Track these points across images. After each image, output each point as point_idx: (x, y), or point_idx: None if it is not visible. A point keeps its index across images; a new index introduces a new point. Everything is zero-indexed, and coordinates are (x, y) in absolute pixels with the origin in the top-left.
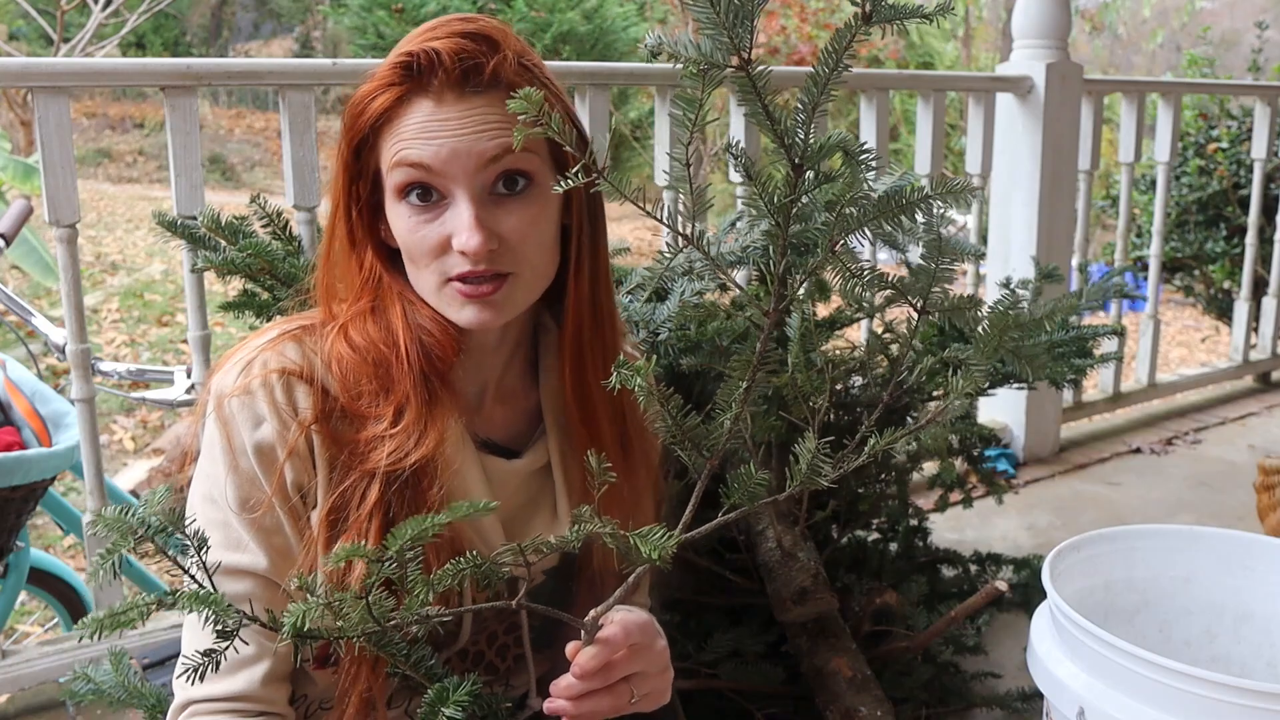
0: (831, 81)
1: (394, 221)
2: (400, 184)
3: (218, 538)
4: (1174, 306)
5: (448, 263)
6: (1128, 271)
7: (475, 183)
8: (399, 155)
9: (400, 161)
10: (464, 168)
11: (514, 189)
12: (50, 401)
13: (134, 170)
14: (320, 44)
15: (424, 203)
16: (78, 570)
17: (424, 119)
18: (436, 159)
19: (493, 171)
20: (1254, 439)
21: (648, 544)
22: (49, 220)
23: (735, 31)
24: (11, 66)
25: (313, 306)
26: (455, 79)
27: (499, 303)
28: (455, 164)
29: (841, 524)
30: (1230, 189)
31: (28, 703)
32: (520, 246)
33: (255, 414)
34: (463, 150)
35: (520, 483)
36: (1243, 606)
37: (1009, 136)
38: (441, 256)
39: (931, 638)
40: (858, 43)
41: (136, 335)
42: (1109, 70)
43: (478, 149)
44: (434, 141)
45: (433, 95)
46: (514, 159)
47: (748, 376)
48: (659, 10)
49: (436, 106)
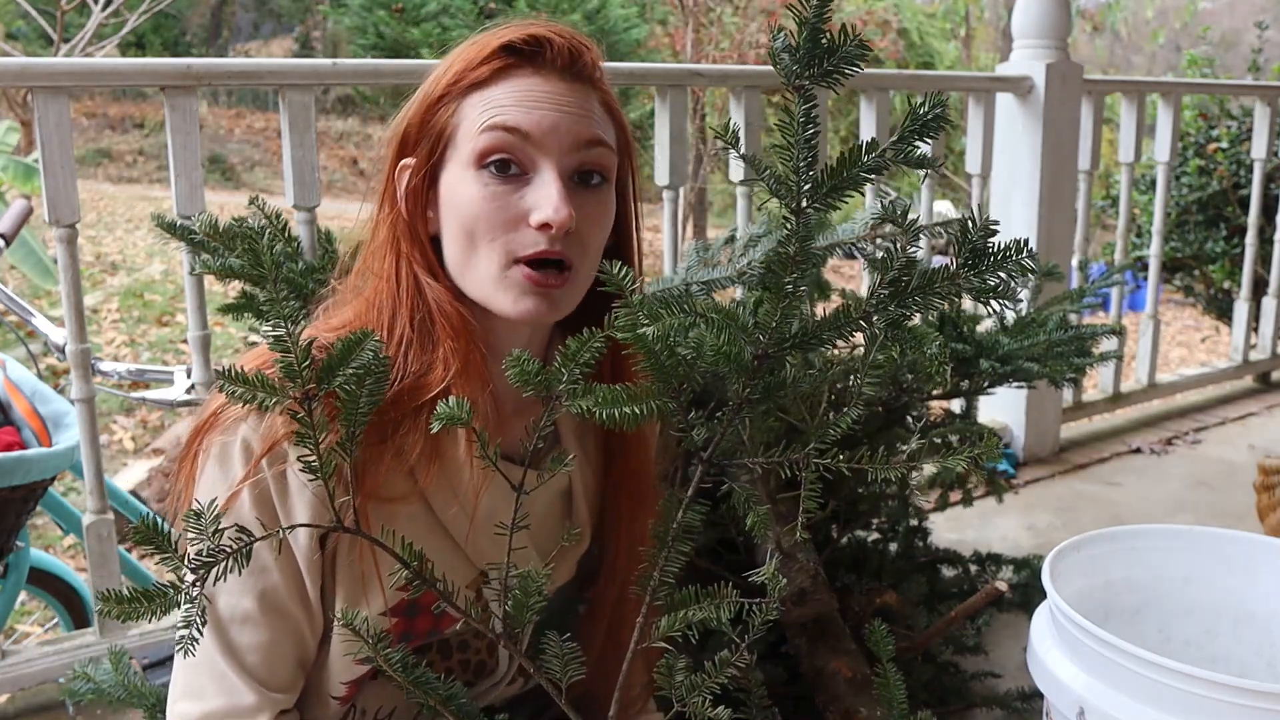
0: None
1: (458, 193)
2: (485, 148)
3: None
4: (1174, 306)
5: (518, 240)
6: (1128, 270)
7: (563, 162)
8: (493, 119)
9: (494, 124)
10: (560, 143)
11: (588, 183)
12: (50, 401)
13: (134, 170)
14: (320, 44)
15: (502, 174)
16: (78, 570)
17: (528, 88)
18: (537, 127)
19: (580, 158)
20: (1254, 439)
21: (663, 626)
22: (49, 220)
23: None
24: (11, 66)
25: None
26: (564, 60)
27: (557, 299)
28: (553, 137)
29: (841, 524)
30: (1230, 189)
31: (28, 703)
32: (587, 238)
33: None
34: (563, 126)
35: (545, 495)
36: (1243, 606)
37: (1009, 136)
38: (512, 232)
39: (931, 638)
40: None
41: (136, 335)
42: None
43: (576, 129)
44: (536, 110)
45: (539, 70)
46: (600, 154)
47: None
48: (660, 11)
49: (542, 80)
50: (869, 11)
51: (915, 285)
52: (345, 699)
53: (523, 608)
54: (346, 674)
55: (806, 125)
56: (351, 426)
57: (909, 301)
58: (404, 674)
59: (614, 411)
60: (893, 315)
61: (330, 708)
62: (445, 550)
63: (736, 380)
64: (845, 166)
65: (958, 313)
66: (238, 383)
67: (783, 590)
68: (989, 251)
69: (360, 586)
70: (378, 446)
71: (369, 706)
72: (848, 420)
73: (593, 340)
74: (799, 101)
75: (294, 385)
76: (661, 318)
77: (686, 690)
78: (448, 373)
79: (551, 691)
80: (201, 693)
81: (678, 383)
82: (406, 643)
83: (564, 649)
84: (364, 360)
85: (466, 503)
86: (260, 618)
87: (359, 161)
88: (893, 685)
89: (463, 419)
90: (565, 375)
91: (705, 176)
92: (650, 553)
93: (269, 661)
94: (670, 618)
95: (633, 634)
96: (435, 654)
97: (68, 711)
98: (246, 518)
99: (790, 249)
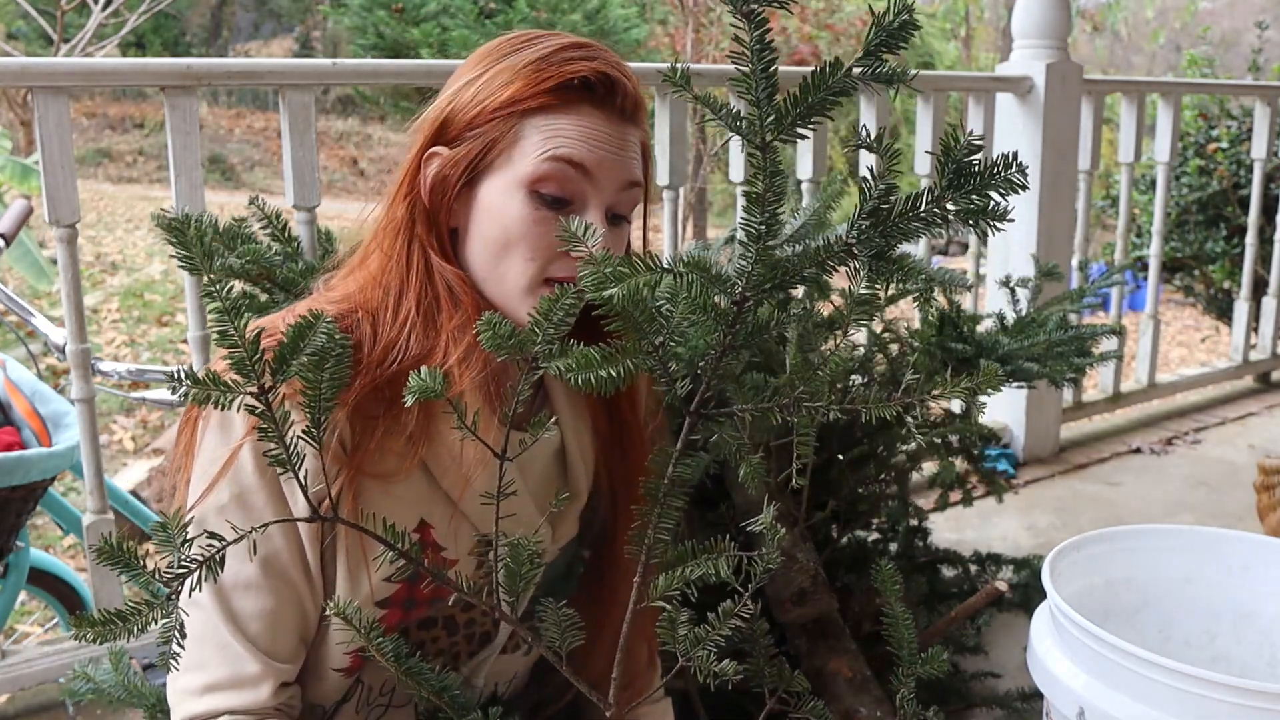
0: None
1: (500, 203)
2: (544, 175)
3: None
4: (1174, 306)
5: (556, 265)
6: (1128, 270)
7: (608, 201)
8: (558, 150)
9: (557, 156)
10: (611, 183)
11: (617, 222)
12: (50, 401)
13: (134, 170)
14: (320, 44)
15: (552, 203)
16: (78, 570)
17: (590, 125)
18: (598, 166)
19: (619, 198)
20: (1254, 439)
21: (660, 585)
22: (49, 220)
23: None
24: (11, 66)
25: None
26: (631, 106)
27: None
28: (606, 177)
29: (841, 524)
30: (1230, 189)
31: (28, 703)
32: None
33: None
34: (616, 167)
35: (542, 455)
36: (1243, 606)
37: (1009, 136)
38: (551, 257)
39: (932, 638)
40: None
41: (136, 335)
42: (1109, 70)
43: (624, 172)
44: (599, 150)
45: (604, 109)
46: (635, 195)
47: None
48: (660, 11)
49: (605, 119)
50: (869, 11)
51: (899, 211)
52: (349, 670)
53: (515, 576)
54: (349, 644)
55: (762, 52)
56: (316, 412)
57: (892, 229)
58: (396, 664)
59: (590, 375)
60: (877, 246)
61: (331, 681)
62: (447, 516)
63: (715, 329)
64: (810, 91)
65: (958, 312)
66: (192, 384)
67: (781, 539)
68: (975, 169)
69: (361, 554)
70: (373, 421)
71: (374, 682)
72: (835, 361)
73: (564, 298)
74: (750, 29)
75: (247, 380)
76: (627, 277)
77: (690, 644)
78: (449, 356)
79: (551, 658)
80: (204, 663)
81: (654, 339)
82: (411, 610)
83: (560, 616)
84: (317, 344)
85: (468, 469)
86: (263, 582)
87: (359, 161)
88: (902, 625)
89: (436, 391)
90: (540, 336)
91: (705, 176)
92: (643, 510)
93: (272, 630)
94: (669, 575)
95: (630, 592)
96: (440, 629)
97: (68, 711)
98: (248, 480)
99: (759, 186)
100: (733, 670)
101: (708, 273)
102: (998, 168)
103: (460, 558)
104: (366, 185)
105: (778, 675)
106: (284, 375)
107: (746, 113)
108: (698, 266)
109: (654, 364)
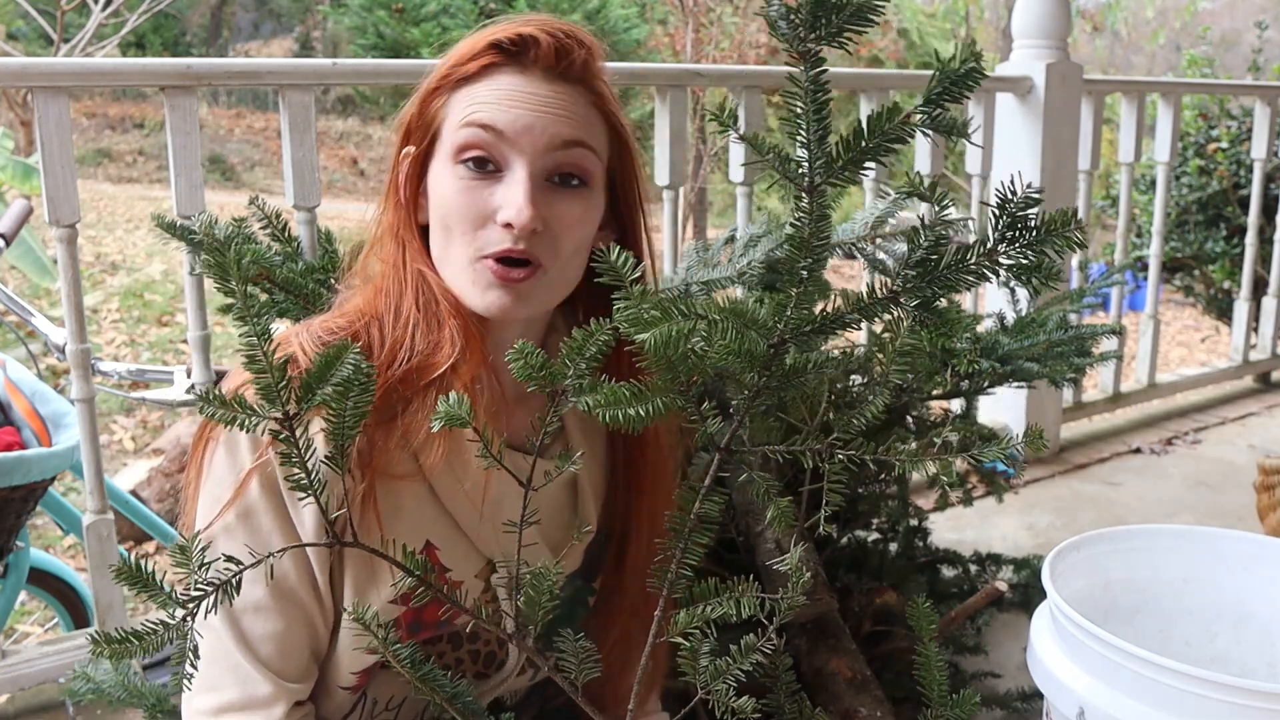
0: None
1: (439, 184)
2: (462, 143)
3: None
4: (1174, 306)
5: (485, 237)
6: (1128, 270)
7: (538, 162)
8: (470, 115)
9: (470, 121)
10: (534, 143)
11: (568, 184)
12: (50, 401)
13: (134, 170)
14: (320, 44)
15: (478, 170)
16: (78, 570)
17: (508, 88)
18: (511, 126)
19: (557, 158)
20: (1254, 439)
21: (681, 620)
22: (49, 220)
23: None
24: (11, 66)
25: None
26: (549, 60)
27: (525, 293)
28: (526, 137)
29: (841, 524)
30: (1230, 189)
31: (28, 703)
32: (560, 239)
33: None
34: (538, 127)
35: (552, 486)
36: (1243, 606)
37: (1009, 136)
38: (480, 229)
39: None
40: (859, 43)
41: (136, 335)
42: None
43: (553, 129)
44: (512, 110)
45: (523, 70)
46: (581, 155)
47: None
48: (660, 11)
49: (524, 80)
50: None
51: (947, 263)
52: (355, 689)
53: (535, 606)
54: (356, 664)
55: (816, 93)
56: (340, 441)
57: (940, 281)
58: (411, 670)
59: (618, 412)
60: (923, 296)
61: (338, 698)
62: (453, 538)
63: (750, 370)
64: (865, 136)
65: (957, 312)
66: (217, 405)
67: (805, 584)
68: (1030, 224)
69: (369, 575)
70: (386, 425)
71: (380, 696)
72: (874, 408)
73: (599, 332)
74: (805, 68)
75: (272, 406)
76: (666, 317)
77: (710, 676)
78: (454, 349)
79: (568, 689)
80: (217, 685)
81: (686, 378)
82: (416, 632)
83: (579, 648)
84: (344, 375)
85: (475, 490)
86: (272, 605)
87: (359, 161)
88: (934, 667)
89: (463, 419)
90: (571, 369)
91: (705, 176)
92: (667, 545)
93: (283, 651)
94: (689, 612)
95: (643, 625)
96: (445, 644)
97: (67, 712)
98: (253, 500)
99: (805, 232)
100: (751, 709)
101: (744, 318)
102: (1056, 224)
103: (466, 579)
104: (366, 185)
105: (798, 712)
106: (309, 403)
107: (792, 155)
108: (736, 314)
109: (686, 404)
